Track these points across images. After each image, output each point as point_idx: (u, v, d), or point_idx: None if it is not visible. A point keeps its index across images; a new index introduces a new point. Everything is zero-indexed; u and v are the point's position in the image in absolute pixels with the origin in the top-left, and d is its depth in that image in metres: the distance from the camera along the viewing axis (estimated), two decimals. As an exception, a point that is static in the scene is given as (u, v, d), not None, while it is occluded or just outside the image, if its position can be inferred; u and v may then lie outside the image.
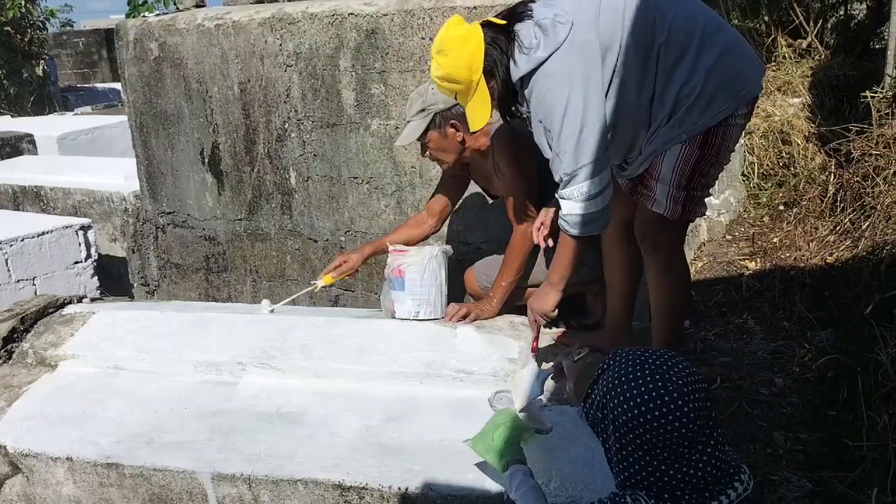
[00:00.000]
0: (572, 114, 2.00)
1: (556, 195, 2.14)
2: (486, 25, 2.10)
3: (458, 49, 2.07)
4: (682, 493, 1.29)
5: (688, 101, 2.04)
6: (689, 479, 1.29)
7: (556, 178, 2.10)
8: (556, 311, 2.28)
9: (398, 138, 2.73)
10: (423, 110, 2.62)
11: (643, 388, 1.29)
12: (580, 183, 2.05)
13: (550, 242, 2.40)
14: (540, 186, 2.60)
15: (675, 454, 1.28)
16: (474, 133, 2.45)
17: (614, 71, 2.03)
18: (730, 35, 2.11)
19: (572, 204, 2.09)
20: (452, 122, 2.58)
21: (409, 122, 2.67)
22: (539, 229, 2.46)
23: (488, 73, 2.10)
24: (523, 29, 2.06)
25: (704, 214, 2.38)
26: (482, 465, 1.93)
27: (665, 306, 2.36)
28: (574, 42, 2.00)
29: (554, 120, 2.03)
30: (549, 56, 2.01)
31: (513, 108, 2.19)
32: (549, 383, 2.12)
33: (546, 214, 2.43)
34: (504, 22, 2.09)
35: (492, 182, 2.79)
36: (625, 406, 1.30)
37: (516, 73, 2.07)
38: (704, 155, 2.11)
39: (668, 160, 2.12)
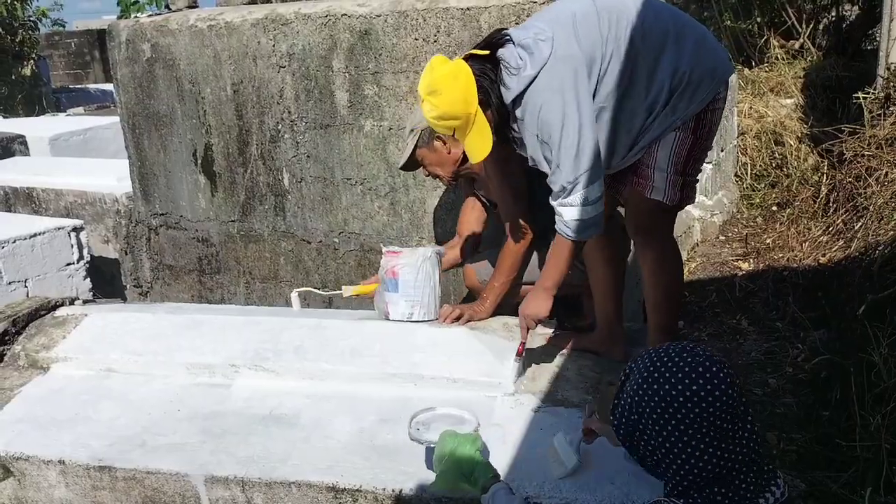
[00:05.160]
0: (570, 126, 2.07)
1: (555, 203, 2.18)
2: (470, 59, 2.16)
3: (450, 86, 2.12)
4: (730, 481, 1.28)
5: (678, 90, 2.12)
6: (737, 458, 1.28)
7: (557, 189, 2.15)
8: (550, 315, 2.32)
9: (398, 162, 2.86)
10: (411, 131, 2.73)
11: (675, 369, 1.30)
12: (581, 190, 2.11)
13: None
14: (529, 188, 2.62)
15: (720, 431, 1.27)
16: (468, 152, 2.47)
17: (600, 80, 2.10)
18: (696, 27, 2.23)
19: (574, 210, 2.14)
20: (437, 135, 2.63)
21: (406, 145, 2.79)
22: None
23: (484, 102, 2.15)
24: (507, 52, 2.13)
25: (694, 201, 2.45)
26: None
27: (662, 295, 2.39)
28: (558, 56, 2.08)
29: (553, 133, 2.09)
30: (538, 72, 2.08)
31: (510, 134, 2.24)
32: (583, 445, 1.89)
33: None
34: (486, 52, 2.15)
35: (489, 188, 2.82)
36: (660, 394, 1.29)
37: (508, 95, 2.14)
38: (697, 139, 2.20)
39: (663, 148, 2.20)
